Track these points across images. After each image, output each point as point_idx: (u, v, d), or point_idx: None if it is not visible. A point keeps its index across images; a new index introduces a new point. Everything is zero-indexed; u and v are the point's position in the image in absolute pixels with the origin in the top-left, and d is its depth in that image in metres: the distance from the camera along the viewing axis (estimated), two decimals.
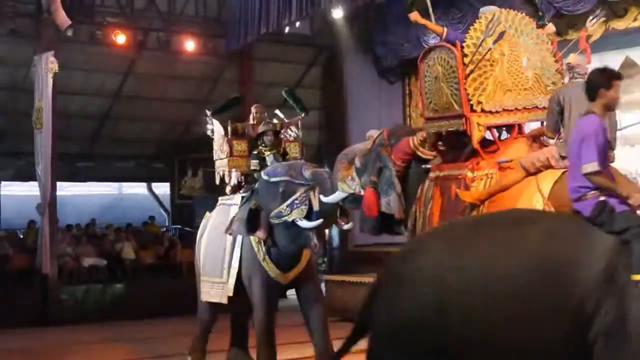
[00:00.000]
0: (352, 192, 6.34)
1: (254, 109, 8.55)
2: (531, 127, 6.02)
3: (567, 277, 3.86)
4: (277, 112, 8.53)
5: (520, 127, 5.78)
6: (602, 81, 4.25)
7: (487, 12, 5.73)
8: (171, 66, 16.10)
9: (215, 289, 7.78)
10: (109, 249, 15.19)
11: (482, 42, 5.49)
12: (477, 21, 5.65)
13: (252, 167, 7.80)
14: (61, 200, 14.98)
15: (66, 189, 18.45)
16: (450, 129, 5.70)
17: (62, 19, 12.71)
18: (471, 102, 5.52)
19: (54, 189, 13.59)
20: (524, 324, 3.82)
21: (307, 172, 6.97)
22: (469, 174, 5.46)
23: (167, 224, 19.77)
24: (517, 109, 5.63)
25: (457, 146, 5.76)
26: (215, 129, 8.42)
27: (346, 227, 7.18)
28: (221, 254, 7.73)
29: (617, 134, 5.35)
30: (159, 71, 16.25)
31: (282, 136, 8.19)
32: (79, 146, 18.06)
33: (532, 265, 3.89)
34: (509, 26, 5.66)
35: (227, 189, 8.28)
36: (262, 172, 7.42)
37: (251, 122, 8.45)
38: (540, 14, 6.22)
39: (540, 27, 5.99)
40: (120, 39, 14.15)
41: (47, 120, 13.08)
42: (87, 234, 15.92)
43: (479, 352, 3.85)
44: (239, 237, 7.52)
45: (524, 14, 5.88)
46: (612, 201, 4.12)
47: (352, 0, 12.79)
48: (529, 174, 5.15)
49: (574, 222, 4.19)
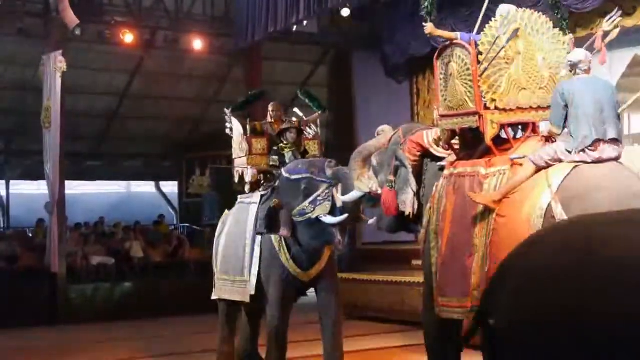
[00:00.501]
0: (368, 191, 6.35)
1: (271, 107, 8.44)
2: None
3: None
4: (295, 110, 8.49)
5: (534, 125, 5.76)
6: None
7: (504, 10, 5.72)
8: (179, 65, 16.15)
9: (236, 288, 7.70)
10: (117, 248, 15.22)
11: (496, 40, 5.50)
12: (493, 19, 5.65)
13: (271, 163, 7.76)
14: (70, 199, 15.03)
15: (75, 188, 18.48)
16: (463, 126, 5.70)
17: (71, 18, 12.73)
18: (485, 100, 5.51)
19: (62, 187, 13.62)
20: None
21: (329, 171, 6.92)
22: (482, 171, 5.46)
23: (175, 223, 19.80)
24: (531, 107, 5.61)
25: (471, 144, 5.75)
26: (234, 127, 8.35)
27: (371, 222, 7.10)
28: (241, 252, 7.66)
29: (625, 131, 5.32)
30: (167, 70, 16.31)
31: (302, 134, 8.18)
32: (88, 145, 18.14)
33: None
34: (525, 25, 5.65)
35: (247, 188, 8.22)
36: (282, 170, 7.35)
37: (269, 120, 8.37)
38: (563, 22, 6.19)
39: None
40: (128, 38, 14.17)
41: (56, 119, 13.10)
42: (95, 232, 15.95)
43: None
44: (260, 236, 7.46)
45: (540, 14, 5.86)
46: None
47: None
48: (539, 169, 5.16)
49: None
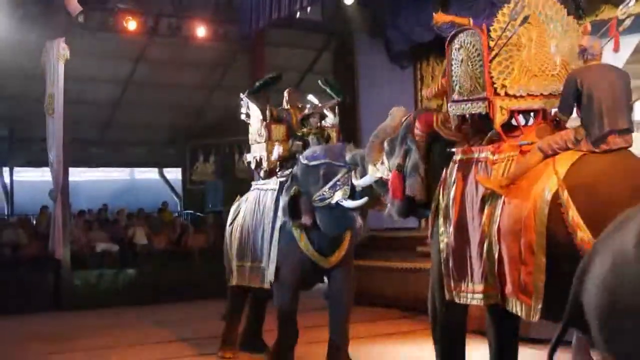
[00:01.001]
0: (381, 176, 6.34)
1: (287, 93, 8.45)
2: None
3: None
4: (310, 96, 8.46)
5: (545, 112, 5.75)
6: None
7: None
8: (183, 52, 16.12)
9: (255, 274, 7.71)
10: (121, 235, 15.26)
11: (507, 26, 5.49)
12: (505, 5, 5.64)
13: (293, 149, 7.75)
14: (73, 185, 15.05)
15: (78, 175, 18.50)
16: (473, 112, 5.69)
17: (74, 5, 12.71)
18: (495, 86, 5.50)
19: (66, 174, 13.62)
20: None
21: (347, 155, 6.92)
22: (491, 157, 5.47)
23: (179, 210, 19.84)
24: (542, 94, 5.59)
25: (482, 130, 5.75)
26: (251, 112, 8.33)
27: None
28: (259, 239, 7.66)
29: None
30: (171, 57, 16.28)
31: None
32: (91, 132, 18.14)
33: None
34: (538, 12, 5.63)
35: (262, 174, 8.23)
36: (300, 157, 7.36)
37: (285, 106, 8.36)
38: (580, 12, 6.17)
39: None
40: (131, 25, 14.15)
41: (59, 106, 13.08)
42: (99, 219, 16.00)
43: None
44: (278, 222, 7.45)
45: (555, 0, 5.83)
46: None
47: None
48: (547, 156, 5.15)
49: None
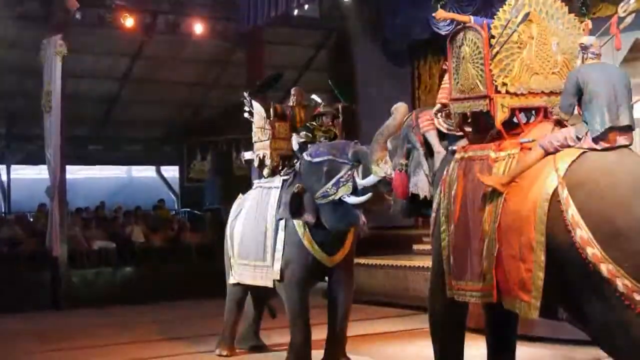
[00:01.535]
0: (384, 176, 6.35)
1: (293, 92, 8.53)
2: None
3: None
4: (314, 96, 8.48)
5: (546, 110, 5.75)
6: None
7: None
8: (180, 49, 16.09)
9: (258, 272, 7.69)
10: (118, 232, 15.24)
11: (508, 24, 5.49)
12: (506, 3, 5.64)
13: (302, 140, 7.72)
14: (71, 183, 15.03)
15: (76, 172, 18.49)
16: (474, 110, 5.70)
17: (71, 1, 12.70)
18: (496, 84, 5.52)
19: (63, 172, 13.61)
20: None
21: (350, 151, 6.93)
22: (492, 155, 5.47)
23: (176, 207, 19.82)
24: (543, 92, 5.60)
25: (483, 128, 5.75)
26: (255, 110, 8.35)
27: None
28: (262, 237, 7.64)
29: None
30: (168, 54, 16.25)
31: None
32: (89, 129, 18.12)
33: None
34: (539, 10, 5.63)
35: (265, 172, 8.21)
36: (304, 154, 7.36)
37: (290, 104, 8.41)
38: (583, 9, 6.15)
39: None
40: (129, 21, 14.14)
41: (57, 103, 13.06)
42: (96, 217, 15.96)
43: None
44: (282, 220, 7.44)
45: None
46: None
47: None
48: (548, 153, 5.16)
49: None
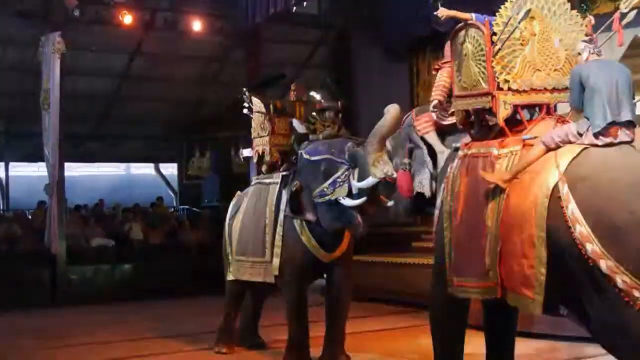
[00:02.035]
0: (384, 176, 6.33)
1: (293, 87, 8.53)
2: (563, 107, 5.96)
3: None
4: (312, 93, 8.49)
5: (548, 107, 5.75)
6: None
7: None
8: (179, 46, 16.05)
9: (257, 269, 7.69)
10: (117, 230, 15.24)
11: (509, 21, 5.49)
12: (508, 0, 5.64)
13: (302, 130, 7.71)
14: (69, 180, 15.00)
15: (74, 170, 18.49)
16: (477, 107, 5.71)
17: None
18: (498, 81, 5.52)
19: (61, 169, 13.59)
20: None
21: (347, 153, 6.92)
22: (495, 152, 5.47)
23: (174, 205, 19.82)
24: (546, 89, 5.60)
25: (486, 125, 5.76)
26: (254, 107, 8.35)
27: (390, 204, 7.04)
28: (261, 233, 7.64)
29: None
30: (167, 51, 16.20)
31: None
32: (87, 127, 18.10)
33: None
34: (541, 6, 5.63)
35: (264, 168, 8.23)
36: (302, 152, 7.36)
37: (291, 100, 8.42)
38: (583, 5, 6.16)
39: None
40: (127, 19, 14.13)
41: (55, 101, 13.05)
42: (95, 214, 15.97)
43: None
44: (281, 216, 7.45)
45: None
46: None
47: None
48: (549, 149, 5.16)
49: None
